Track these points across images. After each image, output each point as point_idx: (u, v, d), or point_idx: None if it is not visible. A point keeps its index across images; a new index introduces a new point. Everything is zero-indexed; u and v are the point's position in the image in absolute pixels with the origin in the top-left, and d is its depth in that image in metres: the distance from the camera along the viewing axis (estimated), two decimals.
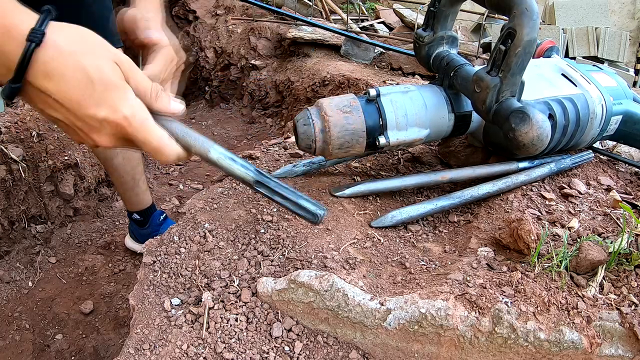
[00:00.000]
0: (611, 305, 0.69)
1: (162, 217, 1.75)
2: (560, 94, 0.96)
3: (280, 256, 0.81)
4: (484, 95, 0.82)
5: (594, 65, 1.11)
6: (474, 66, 0.92)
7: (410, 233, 0.89)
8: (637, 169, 1.06)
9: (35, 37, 0.49)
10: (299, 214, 0.69)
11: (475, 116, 0.94)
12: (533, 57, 0.87)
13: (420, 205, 0.89)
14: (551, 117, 0.91)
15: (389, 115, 0.87)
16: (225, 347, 0.70)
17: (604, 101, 0.97)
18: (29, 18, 0.50)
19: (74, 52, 0.52)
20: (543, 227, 0.82)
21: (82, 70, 0.52)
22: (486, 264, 0.77)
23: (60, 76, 0.51)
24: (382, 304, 0.70)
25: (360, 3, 3.51)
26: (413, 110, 0.89)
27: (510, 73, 0.80)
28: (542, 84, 0.98)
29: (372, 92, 0.87)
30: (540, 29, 3.16)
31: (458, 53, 1.00)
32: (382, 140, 0.87)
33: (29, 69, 0.50)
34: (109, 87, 0.53)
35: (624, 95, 1.03)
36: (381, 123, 0.87)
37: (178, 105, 0.62)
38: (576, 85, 0.98)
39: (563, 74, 1.02)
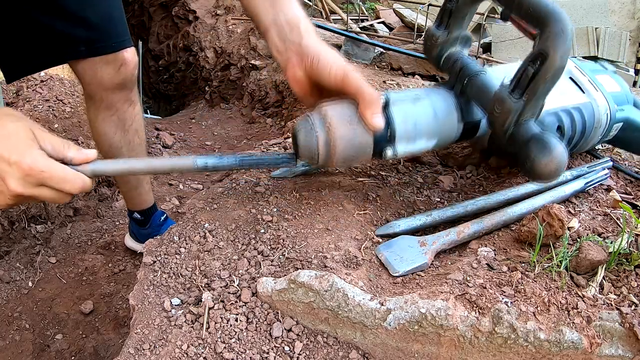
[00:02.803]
0: (611, 305, 0.69)
1: (162, 218, 1.75)
2: (568, 104, 0.93)
3: (280, 256, 0.81)
4: (504, 118, 0.77)
5: (597, 62, 1.10)
6: (486, 72, 0.87)
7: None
8: (637, 170, 1.06)
9: None
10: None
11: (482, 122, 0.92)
12: None
13: (427, 216, 0.88)
14: (559, 128, 0.89)
15: (398, 127, 0.81)
16: (225, 347, 0.70)
17: (609, 110, 0.96)
18: None
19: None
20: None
21: (2, 126, 0.67)
22: (486, 264, 0.77)
23: None
24: (382, 304, 0.70)
25: (360, 3, 3.52)
26: (423, 120, 0.84)
27: (535, 98, 0.74)
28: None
29: (381, 99, 0.81)
30: None
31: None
32: (389, 152, 0.82)
33: None
34: (20, 139, 0.67)
35: (626, 100, 1.02)
36: (389, 134, 0.81)
37: (89, 151, 0.73)
38: (584, 92, 0.96)
39: (571, 78, 0.99)
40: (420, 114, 0.83)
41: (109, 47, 1.25)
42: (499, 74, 0.90)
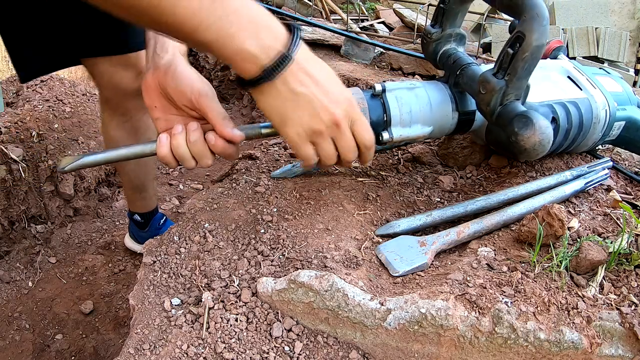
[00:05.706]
0: (611, 305, 0.69)
1: (162, 221, 1.74)
2: (564, 98, 0.96)
3: (280, 256, 0.81)
4: (489, 97, 0.82)
5: (600, 68, 1.11)
6: (479, 65, 0.92)
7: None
8: (637, 170, 1.06)
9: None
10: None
11: (478, 114, 0.94)
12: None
13: (427, 216, 0.89)
14: (554, 120, 0.91)
15: (393, 111, 0.87)
16: (225, 347, 0.70)
17: (607, 106, 0.97)
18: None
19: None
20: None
21: (327, 66, 0.71)
22: (486, 264, 0.77)
23: (316, 62, 0.70)
24: (382, 304, 0.70)
25: (360, 3, 3.52)
26: (418, 107, 0.89)
27: (517, 77, 0.80)
28: (547, 85, 0.98)
29: (378, 87, 0.88)
30: None
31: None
32: (385, 135, 0.87)
33: (298, 48, 0.66)
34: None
35: (628, 101, 1.03)
36: (385, 119, 0.87)
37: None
38: (581, 89, 0.99)
39: (569, 77, 1.02)
40: (415, 101, 0.89)
41: (130, 47, 1.20)
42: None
